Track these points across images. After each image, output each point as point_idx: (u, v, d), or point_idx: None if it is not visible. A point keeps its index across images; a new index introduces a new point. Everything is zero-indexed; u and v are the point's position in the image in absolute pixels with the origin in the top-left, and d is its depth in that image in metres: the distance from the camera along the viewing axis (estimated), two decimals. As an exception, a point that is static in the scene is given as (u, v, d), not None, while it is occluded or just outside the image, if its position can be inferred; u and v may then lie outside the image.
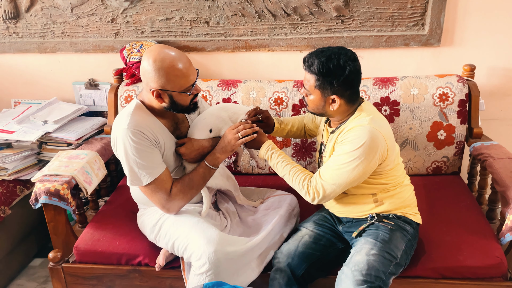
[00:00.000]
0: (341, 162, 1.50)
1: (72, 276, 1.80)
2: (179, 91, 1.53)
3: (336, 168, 1.51)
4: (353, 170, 1.49)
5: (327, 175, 1.53)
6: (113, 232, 1.83)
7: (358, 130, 1.50)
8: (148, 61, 1.50)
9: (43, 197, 1.75)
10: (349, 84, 1.50)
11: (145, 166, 1.55)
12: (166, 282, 1.76)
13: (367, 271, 1.47)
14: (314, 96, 1.54)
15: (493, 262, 1.61)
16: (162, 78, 1.50)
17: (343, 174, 1.50)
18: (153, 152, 1.57)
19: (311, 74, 1.51)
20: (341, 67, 1.46)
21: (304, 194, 1.58)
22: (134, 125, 1.54)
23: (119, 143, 1.56)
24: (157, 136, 1.59)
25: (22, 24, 2.40)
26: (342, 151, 1.51)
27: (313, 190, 1.55)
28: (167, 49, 1.51)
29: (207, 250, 1.52)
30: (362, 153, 1.47)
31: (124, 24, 2.34)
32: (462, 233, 1.73)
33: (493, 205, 1.92)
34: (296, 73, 2.32)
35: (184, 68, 1.51)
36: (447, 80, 2.08)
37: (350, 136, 1.51)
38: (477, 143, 2.03)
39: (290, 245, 1.66)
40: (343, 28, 2.22)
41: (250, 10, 2.22)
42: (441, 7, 2.11)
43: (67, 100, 2.53)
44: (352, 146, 1.49)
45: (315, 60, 1.48)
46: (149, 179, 1.56)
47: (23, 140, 2.16)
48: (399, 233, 1.58)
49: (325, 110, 1.57)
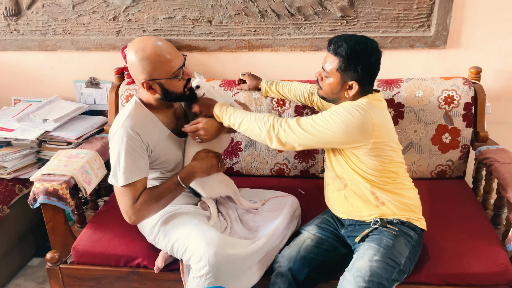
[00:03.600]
0: (320, 116, 1.51)
1: (70, 277, 1.78)
2: (167, 77, 1.51)
3: (313, 118, 1.51)
4: (329, 126, 1.48)
5: (302, 120, 1.52)
6: (112, 233, 1.81)
7: (347, 103, 1.53)
8: (131, 54, 1.50)
9: (42, 197, 1.73)
10: (370, 72, 1.52)
11: (126, 168, 1.53)
12: (164, 285, 1.73)
13: (369, 277, 1.44)
14: (332, 79, 1.54)
15: (498, 269, 1.58)
16: (147, 67, 1.48)
17: (318, 125, 1.49)
18: (139, 158, 1.55)
19: (336, 56, 1.50)
20: (367, 54, 1.49)
21: (266, 132, 1.53)
22: (131, 125, 1.53)
23: (113, 139, 1.55)
24: (151, 136, 1.58)
25: (23, 21, 2.38)
26: (327, 111, 1.52)
27: (282, 125, 1.52)
28: (147, 39, 1.51)
29: (207, 252, 1.49)
30: (343, 118, 1.47)
31: (126, 22, 2.31)
32: (466, 239, 1.70)
33: (498, 211, 1.89)
34: (300, 74, 2.29)
35: (167, 53, 1.50)
36: (452, 83, 2.05)
37: (329, 108, 1.54)
38: (482, 147, 1.99)
39: (291, 249, 1.63)
40: (348, 29, 2.19)
41: (253, 10, 2.19)
42: (448, 9, 2.07)
43: (68, 98, 2.51)
44: (337, 109, 1.50)
45: (343, 43, 1.48)
46: (124, 181, 1.53)
47: (22, 139, 2.14)
48: (403, 239, 1.55)
49: (339, 95, 1.56)
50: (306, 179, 2.19)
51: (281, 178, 2.22)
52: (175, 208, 1.72)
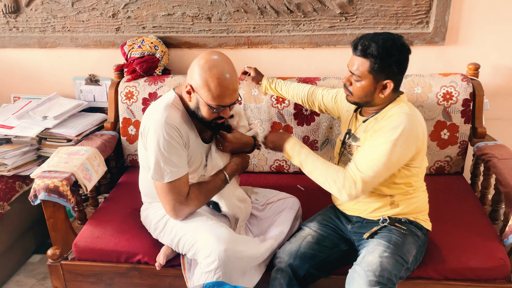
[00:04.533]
0: (380, 150, 1.44)
1: (71, 273, 1.79)
2: (205, 102, 1.51)
3: (375, 158, 1.45)
4: (392, 156, 1.43)
5: (365, 166, 1.45)
6: (112, 229, 1.82)
7: (398, 117, 1.47)
8: (200, 59, 1.50)
9: (42, 193, 1.73)
10: (403, 68, 1.49)
11: (172, 163, 1.52)
12: (165, 281, 1.74)
13: (380, 272, 1.43)
14: (365, 82, 1.49)
15: (496, 264, 1.60)
16: (200, 80, 1.48)
17: (383, 164, 1.44)
18: (182, 152, 1.56)
19: (365, 58, 1.45)
20: (398, 49, 1.45)
21: (337, 190, 1.48)
22: (172, 119, 1.53)
23: (152, 134, 1.53)
24: (188, 134, 1.58)
25: (22, 19, 2.38)
26: (383, 138, 1.45)
27: (350, 184, 1.46)
28: (223, 61, 1.50)
29: (217, 248, 1.50)
30: (401, 139, 1.43)
31: (125, 19, 2.31)
32: (464, 234, 1.72)
33: (496, 206, 1.90)
34: (299, 71, 2.30)
35: (225, 88, 1.49)
36: (451, 79, 2.06)
37: (389, 123, 1.47)
38: (481, 143, 2.01)
39: (292, 245, 1.63)
40: (347, 26, 2.19)
41: (252, 6, 2.20)
42: (446, 5, 2.08)
43: (67, 95, 2.51)
44: (392, 133, 1.44)
45: (371, 42, 1.44)
46: (171, 177, 1.53)
47: (22, 136, 2.14)
48: (411, 238, 1.56)
49: (373, 97, 1.52)
50: (305, 176, 2.18)
51: (281, 175, 2.23)
52: None
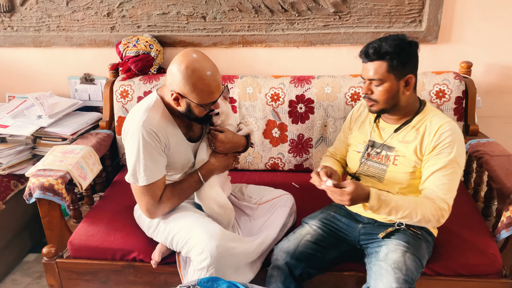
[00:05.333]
0: (451, 170, 1.47)
1: (66, 271, 1.80)
2: (197, 103, 1.51)
3: (451, 178, 1.47)
4: (460, 170, 1.49)
5: (446, 190, 1.47)
6: (108, 227, 1.82)
7: (449, 130, 1.49)
8: (180, 65, 1.47)
9: (37, 191, 1.73)
10: (417, 60, 1.52)
11: (147, 168, 1.54)
12: (160, 278, 1.75)
13: (406, 271, 1.43)
14: (387, 83, 1.49)
15: (488, 259, 1.62)
16: (187, 87, 1.48)
17: (457, 180, 1.49)
18: (159, 156, 1.56)
19: (381, 59, 1.46)
20: (407, 43, 1.48)
21: (436, 222, 1.48)
22: (150, 124, 1.53)
23: (129, 138, 1.55)
24: (168, 137, 1.59)
25: (17, 18, 2.38)
26: (447, 157, 1.47)
27: (443, 213, 1.47)
28: (202, 59, 1.50)
29: (209, 245, 1.51)
30: (460, 149, 1.49)
31: (120, 18, 2.32)
32: (457, 230, 1.73)
33: (488, 202, 1.92)
34: (293, 69, 2.31)
35: (212, 85, 1.49)
36: (444, 77, 2.08)
37: (444, 138, 1.48)
38: (473, 140, 2.03)
39: (290, 243, 1.62)
40: (341, 24, 2.21)
41: (247, 5, 2.21)
42: (439, 4, 2.10)
43: (62, 94, 2.51)
44: (455, 148, 1.47)
45: (382, 43, 1.46)
46: (146, 181, 1.55)
47: (17, 135, 2.14)
48: (424, 243, 1.57)
49: (398, 97, 1.51)
50: (300, 173, 2.21)
51: (276, 172, 2.24)
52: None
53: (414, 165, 1.53)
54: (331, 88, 2.12)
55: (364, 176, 1.64)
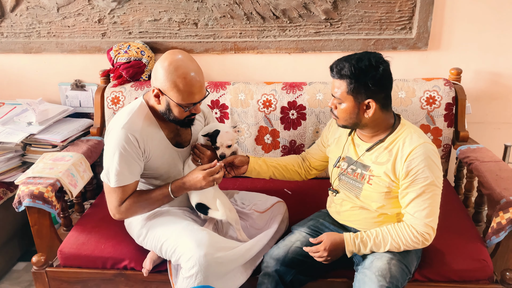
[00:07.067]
0: (430, 195, 1.45)
1: (56, 281, 1.77)
2: (176, 102, 1.51)
3: (431, 201, 1.45)
4: (439, 191, 1.47)
5: (427, 214, 1.45)
6: (98, 235, 1.81)
7: (421, 155, 1.44)
8: (163, 61, 1.49)
9: (27, 199, 1.71)
10: (382, 85, 1.44)
11: (119, 171, 1.54)
12: (152, 286, 1.73)
13: (390, 278, 1.44)
14: (346, 104, 1.46)
15: (479, 265, 1.62)
16: (167, 83, 1.48)
17: (438, 200, 1.47)
18: (134, 162, 1.56)
19: (342, 79, 1.44)
20: (373, 66, 1.41)
21: (422, 245, 1.49)
22: (130, 128, 1.53)
23: (109, 140, 1.56)
24: (149, 141, 1.58)
25: (7, 24, 2.37)
26: (424, 182, 1.44)
27: (427, 237, 1.47)
28: (187, 59, 1.50)
29: (197, 253, 1.50)
30: (436, 171, 1.46)
31: (111, 24, 2.31)
32: (448, 236, 1.73)
33: (479, 208, 1.94)
34: (285, 76, 2.32)
35: (193, 86, 1.49)
36: (434, 84, 2.10)
37: (416, 164, 1.44)
38: (463, 146, 2.04)
39: (280, 250, 1.62)
40: (332, 31, 2.22)
41: (239, 12, 2.21)
42: (429, 12, 2.12)
43: (53, 101, 2.49)
44: (430, 172, 1.44)
45: (345, 64, 1.42)
46: (116, 184, 1.56)
47: (7, 142, 2.12)
48: (413, 250, 1.57)
49: (359, 118, 1.48)
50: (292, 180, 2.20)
51: (268, 180, 2.23)
52: (164, 210, 1.72)
53: (388, 185, 1.51)
54: (323, 94, 2.13)
55: (343, 190, 1.65)
